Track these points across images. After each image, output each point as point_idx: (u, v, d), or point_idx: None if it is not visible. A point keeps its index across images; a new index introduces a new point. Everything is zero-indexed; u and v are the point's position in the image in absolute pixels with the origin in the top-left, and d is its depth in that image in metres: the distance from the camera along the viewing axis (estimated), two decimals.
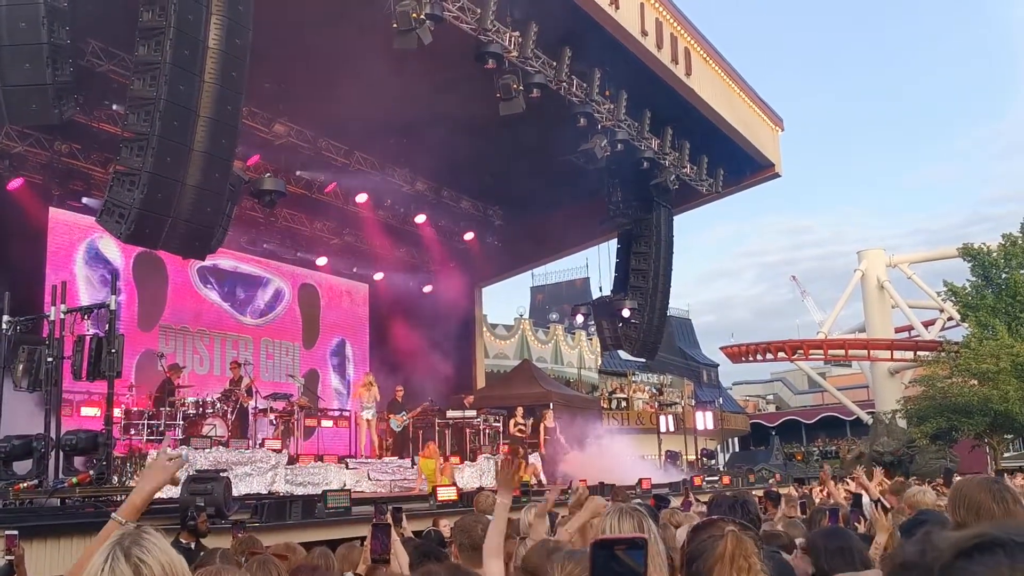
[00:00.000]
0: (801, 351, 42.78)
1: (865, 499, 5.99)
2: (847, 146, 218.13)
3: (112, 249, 17.59)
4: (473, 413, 19.81)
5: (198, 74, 10.83)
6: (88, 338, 10.97)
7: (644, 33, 16.99)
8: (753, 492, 12.61)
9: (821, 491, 15.29)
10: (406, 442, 18.65)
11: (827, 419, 57.53)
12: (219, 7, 10.92)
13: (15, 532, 4.55)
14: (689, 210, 24.46)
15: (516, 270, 28.70)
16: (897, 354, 40.76)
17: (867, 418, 42.06)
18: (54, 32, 9.84)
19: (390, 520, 3.80)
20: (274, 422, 16.23)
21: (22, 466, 10.61)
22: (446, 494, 11.92)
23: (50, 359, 10.75)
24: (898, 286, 45.03)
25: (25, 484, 9.66)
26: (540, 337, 37.76)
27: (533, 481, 17.20)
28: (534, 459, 19.97)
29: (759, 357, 43.59)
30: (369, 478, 15.52)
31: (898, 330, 46.17)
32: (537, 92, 15.48)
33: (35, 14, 9.63)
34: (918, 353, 39.09)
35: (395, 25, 12.90)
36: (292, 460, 14.76)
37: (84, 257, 17.45)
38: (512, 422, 20.35)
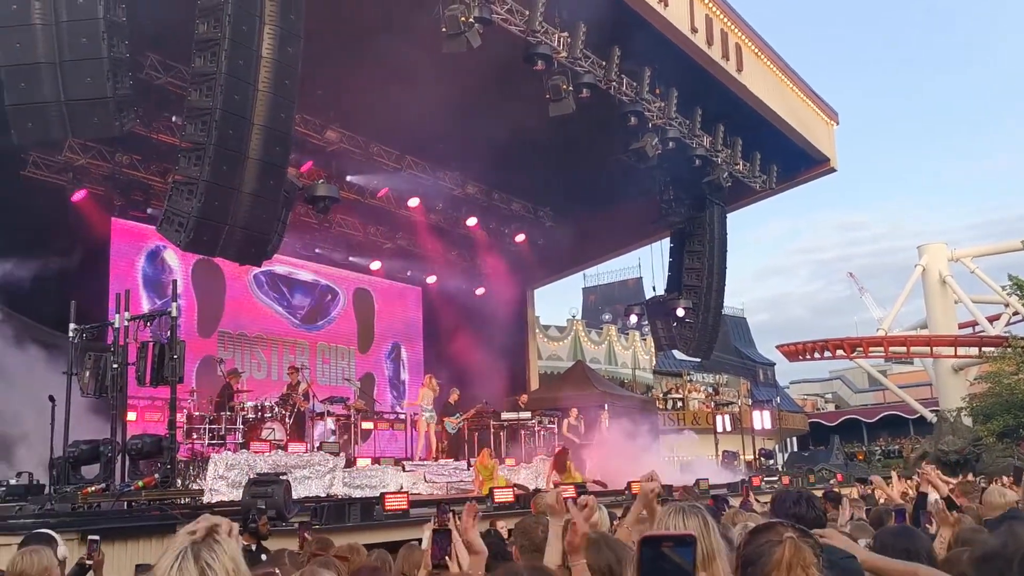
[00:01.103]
0: (860, 349, 41.97)
1: (933, 497, 5.85)
2: (902, 138, 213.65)
3: (172, 257, 17.95)
4: (528, 415, 19.81)
5: (252, 83, 11.02)
6: (151, 345, 11.20)
7: (694, 30, 16.85)
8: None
9: (882, 492, 14.98)
10: (461, 444, 18.73)
11: (889, 418, 56.39)
12: (272, 17, 11.10)
13: (96, 538, 4.64)
14: (742, 207, 24.18)
15: (568, 271, 28.65)
16: (961, 350, 39.77)
17: (931, 416, 41.10)
18: (114, 46, 10.06)
19: (452, 525, 3.80)
20: (335, 429, 16.40)
21: (89, 470, 10.89)
22: (503, 495, 11.93)
23: (115, 365, 11.00)
24: (961, 280, 43.94)
25: (93, 488, 9.90)
26: (593, 338, 37.60)
27: (590, 481, 17.12)
28: (589, 461, 19.89)
29: (817, 355, 42.87)
30: (425, 480, 15.61)
31: (961, 326, 45.02)
32: (587, 92, 15.44)
33: (95, 29, 9.86)
34: (983, 349, 38.13)
35: (444, 29, 12.98)
36: (349, 463, 14.90)
37: (145, 265, 17.83)
38: (566, 423, 20.30)
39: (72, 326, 11.32)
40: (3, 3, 9.59)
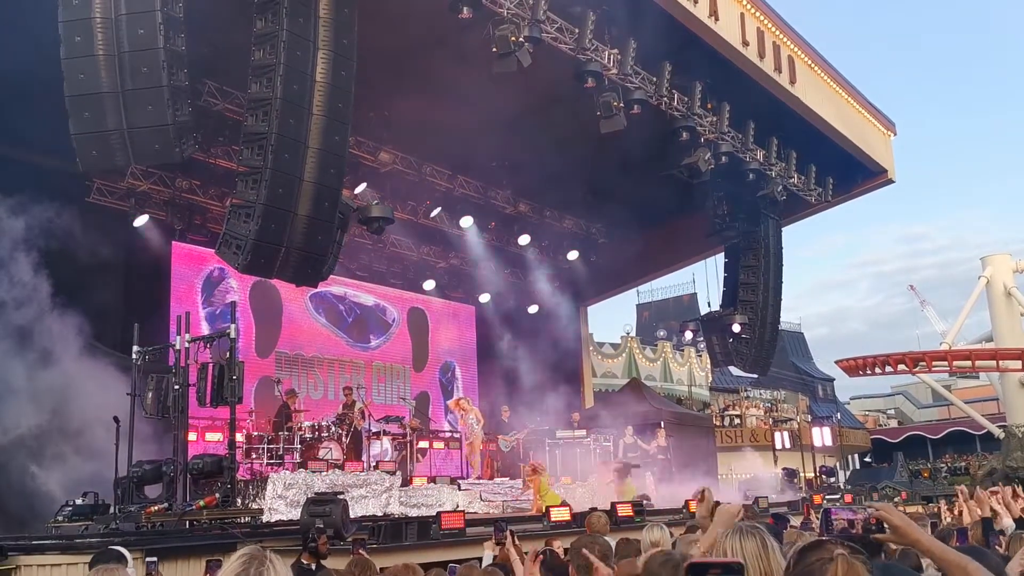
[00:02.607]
0: (923, 363, 40.87)
1: (1007, 520, 5.69)
2: (963, 147, 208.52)
3: (230, 279, 18.28)
4: (582, 433, 19.71)
5: (307, 108, 11.22)
6: (211, 366, 11.40)
7: (745, 43, 16.72)
8: None
9: (950, 511, 14.57)
10: (516, 462, 18.67)
11: (954, 434, 54.91)
12: (325, 42, 11.30)
13: (154, 559, 4.70)
14: (798, 221, 23.85)
15: (621, 288, 28.50)
16: None
17: (998, 432, 39.92)
18: (173, 75, 10.31)
19: (510, 547, 3.79)
20: (395, 447, 16.48)
21: (152, 489, 11.10)
22: (559, 514, 11.87)
23: (177, 387, 11.22)
24: None
25: (156, 507, 10.08)
26: (648, 355, 37.35)
27: (646, 501, 16.96)
28: (647, 478, 19.70)
29: (877, 371, 41.88)
30: (481, 499, 15.59)
31: None
32: (638, 108, 15.41)
33: (156, 59, 10.12)
34: None
35: (495, 49, 13.07)
36: (406, 482, 14.96)
37: (204, 288, 18.18)
38: (622, 442, 20.14)
39: (135, 348, 11.56)
40: (67, 36, 9.90)
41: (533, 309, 24.23)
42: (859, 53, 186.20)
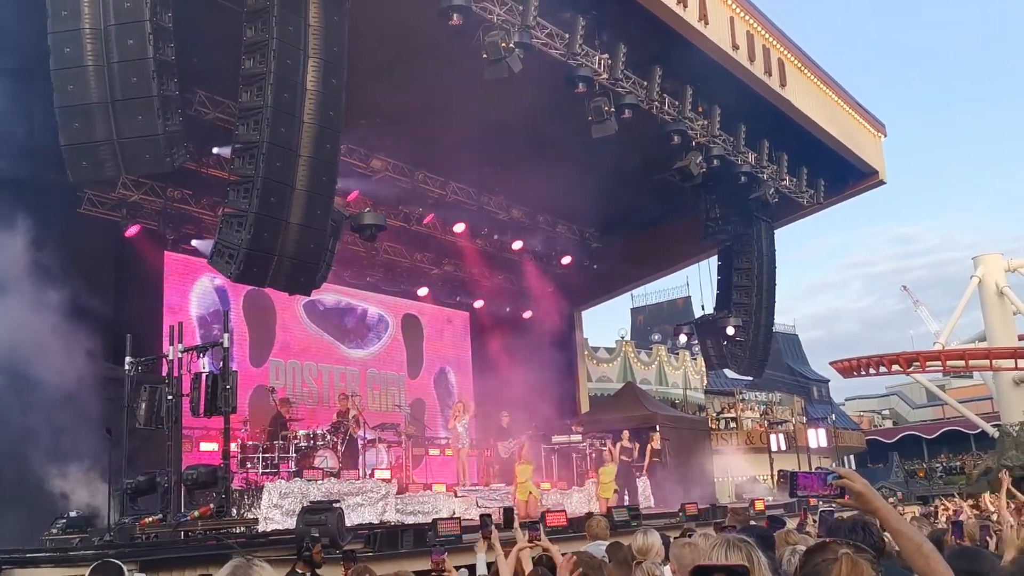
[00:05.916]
0: (917, 363, 40.99)
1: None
2: (953, 148, 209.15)
3: (223, 288, 18.23)
4: (579, 438, 19.71)
5: (298, 116, 11.20)
6: (204, 375, 11.36)
7: (735, 47, 16.75)
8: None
9: (945, 510, 14.60)
10: (513, 468, 18.64)
11: (949, 434, 55.06)
12: (315, 50, 11.28)
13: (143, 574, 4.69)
14: (790, 223, 23.89)
15: (615, 292, 28.54)
16: (1022, 363, 38.72)
17: (992, 431, 40.04)
18: (163, 85, 10.28)
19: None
20: (391, 455, 16.46)
21: (146, 500, 11.05)
22: (555, 519, 11.86)
23: (170, 397, 11.18)
24: (1019, 291, 42.85)
25: (150, 519, 10.04)
26: (643, 359, 37.31)
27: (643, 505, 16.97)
28: (642, 483, 19.72)
29: (872, 371, 41.97)
30: (478, 505, 15.57)
31: (1021, 337, 43.88)
32: (629, 113, 15.42)
33: (145, 69, 10.09)
34: None
35: (485, 56, 13.08)
36: (402, 489, 14.94)
37: (197, 297, 18.13)
38: (619, 446, 20.13)
39: (128, 359, 11.53)
40: (57, 46, 9.87)
41: (528, 314, 24.23)
42: (848, 56, 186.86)
